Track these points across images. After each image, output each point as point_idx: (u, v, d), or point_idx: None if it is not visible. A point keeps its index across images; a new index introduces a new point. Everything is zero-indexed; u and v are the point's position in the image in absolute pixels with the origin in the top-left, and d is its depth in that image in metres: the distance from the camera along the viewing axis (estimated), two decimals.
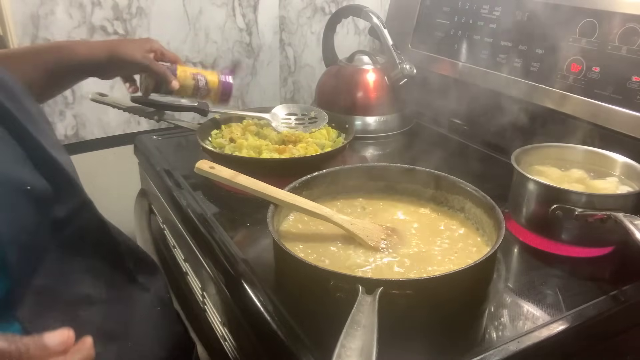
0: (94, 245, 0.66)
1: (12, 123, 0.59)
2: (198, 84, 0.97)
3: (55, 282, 0.60)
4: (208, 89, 0.98)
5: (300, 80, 1.52)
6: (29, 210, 0.56)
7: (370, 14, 1.18)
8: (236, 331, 0.71)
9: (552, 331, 0.59)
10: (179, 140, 1.12)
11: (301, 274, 0.60)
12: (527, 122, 0.97)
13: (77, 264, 0.63)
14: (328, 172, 0.79)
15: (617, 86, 0.87)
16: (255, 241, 0.77)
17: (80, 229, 0.64)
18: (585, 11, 0.92)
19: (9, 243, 0.52)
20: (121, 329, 0.66)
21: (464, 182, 0.75)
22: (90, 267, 0.65)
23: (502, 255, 0.73)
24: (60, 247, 0.61)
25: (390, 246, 0.69)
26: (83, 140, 1.25)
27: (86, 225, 0.66)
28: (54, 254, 0.60)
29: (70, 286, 0.62)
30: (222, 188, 0.87)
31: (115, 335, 0.64)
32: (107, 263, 0.67)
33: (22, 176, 0.57)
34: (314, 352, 0.54)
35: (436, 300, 0.57)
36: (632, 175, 0.78)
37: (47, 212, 0.60)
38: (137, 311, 0.69)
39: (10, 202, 0.54)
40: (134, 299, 0.70)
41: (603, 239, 0.73)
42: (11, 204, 0.54)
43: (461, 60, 1.16)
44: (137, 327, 0.68)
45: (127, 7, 1.19)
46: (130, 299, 0.70)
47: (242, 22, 1.35)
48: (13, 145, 0.58)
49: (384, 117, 1.18)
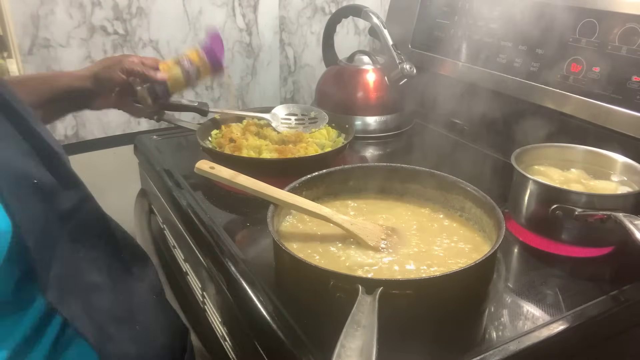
0: (96, 237, 0.70)
1: (18, 119, 0.64)
2: (185, 67, 0.94)
3: (68, 270, 0.64)
4: (196, 66, 0.95)
5: (300, 80, 1.52)
6: (38, 202, 0.60)
7: (370, 14, 1.18)
8: (236, 331, 0.71)
9: (552, 331, 0.59)
10: (179, 140, 1.12)
11: (301, 274, 0.60)
12: (527, 122, 0.97)
13: (82, 255, 0.67)
14: (328, 172, 0.79)
15: (617, 86, 0.87)
16: (255, 241, 0.77)
17: (83, 222, 0.68)
18: (585, 11, 0.92)
19: (26, 232, 0.56)
20: (127, 315, 0.69)
21: (464, 182, 0.75)
22: (93, 258, 0.68)
23: (502, 255, 0.73)
24: (67, 240, 0.65)
25: (390, 246, 0.69)
26: (83, 140, 1.25)
27: (88, 218, 0.69)
28: (63, 245, 0.64)
29: (80, 275, 0.66)
30: (222, 188, 0.87)
31: (124, 320, 0.68)
32: (106, 254, 0.71)
33: (30, 170, 0.61)
34: (314, 352, 0.54)
35: (436, 300, 0.57)
36: (632, 175, 0.78)
37: (54, 204, 0.63)
38: (136, 299, 0.73)
39: (22, 194, 0.58)
40: (131, 288, 0.73)
41: (603, 239, 0.73)
42: (23, 196, 0.58)
43: (461, 60, 1.16)
44: (139, 313, 0.71)
45: (127, 7, 1.19)
46: (129, 288, 0.73)
47: (242, 22, 1.35)
48: (20, 141, 0.62)
49: (384, 117, 1.18)
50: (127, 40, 1.22)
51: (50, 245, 0.61)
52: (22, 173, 0.60)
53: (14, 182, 0.58)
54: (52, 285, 0.59)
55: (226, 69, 1.01)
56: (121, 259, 0.73)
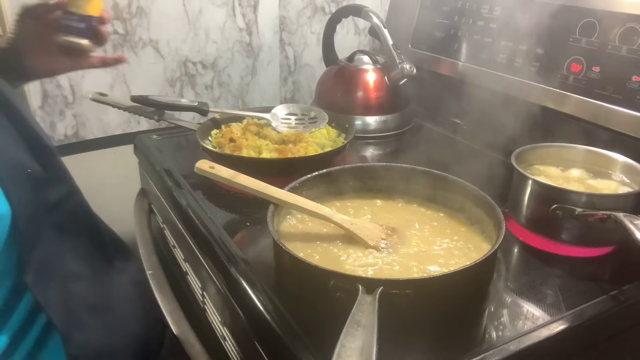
0: (80, 230, 0.74)
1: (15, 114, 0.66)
2: None
3: (49, 258, 0.67)
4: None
5: (300, 80, 1.52)
6: (29, 190, 0.64)
7: (370, 13, 1.18)
8: (236, 331, 0.71)
9: (552, 331, 0.59)
10: (179, 140, 1.12)
11: (301, 273, 0.60)
12: (527, 122, 0.97)
13: (65, 244, 0.71)
14: (328, 172, 0.79)
15: (617, 86, 0.87)
16: (255, 241, 0.77)
17: (68, 214, 0.72)
18: (585, 11, 0.92)
19: (18, 216, 0.60)
20: (104, 304, 0.74)
21: (464, 182, 0.75)
22: (75, 249, 0.72)
23: (502, 255, 0.73)
24: (51, 228, 0.69)
25: (390, 246, 0.69)
26: (83, 140, 1.24)
27: (74, 211, 0.74)
28: (48, 232, 0.68)
29: (60, 263, 0.70)
30: (222, 188, 0.87)
31: (100, 309, 0.72)
32: (89, 246, 0.75)
33: (23, 159, 0.65)
34: (314, 352, 0.54)
35: (436, 300, 0.57)
36: (632, 175, 0.78)
37: (42, 194, 0.68)
38: (114, 291, 0.77)
39: (18, 181, 0.62)
40: (111, 280, 0.77)
41: (603, 239, 0.73)
42: (19, 183, 0.62)
43: (461, 60, 1.16)
44: (115, 304, 0.75)
45: (127, 7, 1.19)
46: (109, 280, 0.77)
47: (242, 22, 1.35)
48: (15, 134, 0.69)
49: (384, 117, 1.18)
50: (127, 40, 1.22)
51: (35, 231, 0.65)
52: (18, 162, 0.64)
53: (11, 170, 0.62)
54: (31, 268, 0.63)
55: None
56: (103, 252, 0.77)
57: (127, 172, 1.16)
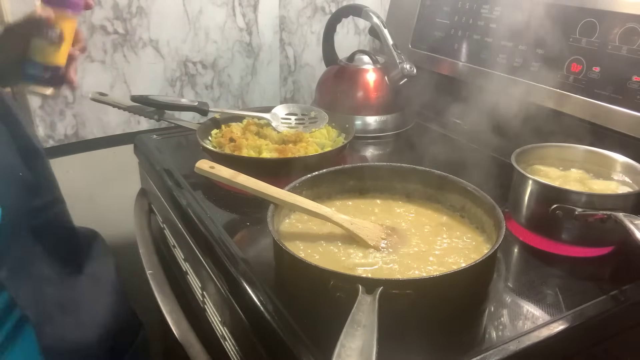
0: (55, 238, 0.77)
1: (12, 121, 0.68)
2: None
3: (24, 257, 0.71)
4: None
5: (300, 80, 1.51)
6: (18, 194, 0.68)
7: (370, 13, 1.18)
8: (236, 331, 0.71)
9: (552, 331, 0.59)
10: (179, 140, 1.12)
11: (301, 273, 0.60)
12: (527, 122, 0.97)
13: (40, 248, 0.74)
14: (328, 172, 0.79)
15: (617, 86, 0.87)
16: (255, 241, 0.77)
17: (47, 222, 0.76)
18: (585, 11, 0.92)
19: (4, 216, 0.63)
20: (75, 305, 0.77)
21: (464, 182, 0.75)
22: (48, 254, 0.76)
23: (502, 255, 0.73)
24: (28, 232, 0.72)
25: (390, 246, 0.69)
26: (83, 139, 1.24)
27: (53, 219, 0.77)
28: (25, 235, 0.71)
29: (33, 265, 0.73)
30: (222, 188, 0.87)
31: (71, 309, 0.76)
32: (61, 253, 0.78)
33: (16, 163, 0.68)
34: (314, 352, 0.54)
35: (436, 300, 0.57)
36: (632, 175, 0.78)
37: (29, 199, 0.71)
38: (86, 292, 0.80)
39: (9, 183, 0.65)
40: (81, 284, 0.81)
41: (603, 239, 0.73)
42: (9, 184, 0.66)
43: (461, 60, 1.16)
44: (86, 304, 0.79)
45: (127, 7, 1.19)
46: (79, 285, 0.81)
47: (242, 22, 1.35)
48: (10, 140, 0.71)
49: (384, 117, 1.18)
50: (127, 40, 1.22)
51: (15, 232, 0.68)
52: (11, 166, 0.67)
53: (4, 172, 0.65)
54: (5, 265, 0.66)
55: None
56: (75, 259, 0.81)
57: (127, 172, 1.16)
